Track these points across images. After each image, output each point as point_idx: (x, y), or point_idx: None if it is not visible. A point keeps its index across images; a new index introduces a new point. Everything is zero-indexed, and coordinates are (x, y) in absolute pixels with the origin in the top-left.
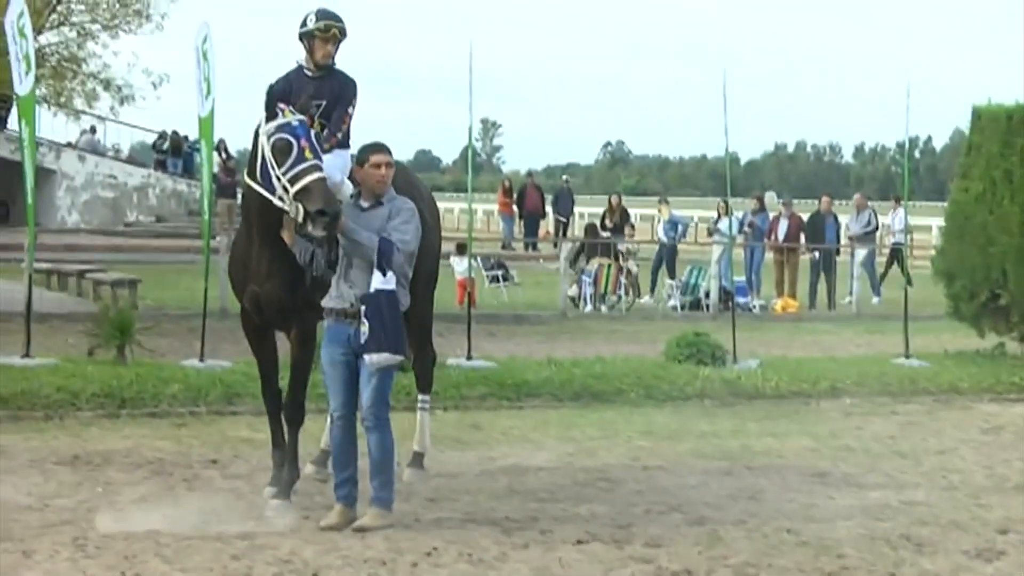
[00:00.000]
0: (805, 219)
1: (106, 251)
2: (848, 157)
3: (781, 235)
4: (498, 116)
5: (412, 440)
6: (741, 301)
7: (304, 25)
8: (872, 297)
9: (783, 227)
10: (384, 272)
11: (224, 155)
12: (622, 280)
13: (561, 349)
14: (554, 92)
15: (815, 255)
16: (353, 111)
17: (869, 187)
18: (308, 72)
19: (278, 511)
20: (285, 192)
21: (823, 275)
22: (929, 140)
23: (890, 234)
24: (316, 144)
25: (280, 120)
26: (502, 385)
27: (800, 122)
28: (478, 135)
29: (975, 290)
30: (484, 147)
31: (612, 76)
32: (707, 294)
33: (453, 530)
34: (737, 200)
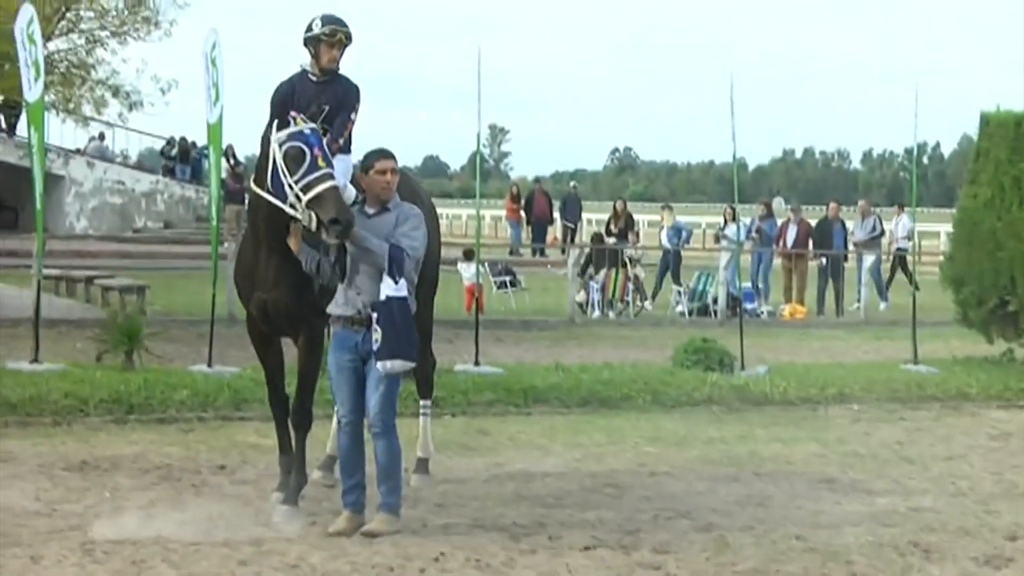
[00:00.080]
0: (813, 225)
1: (114, 257)
2: (856, 163)
3: (790, 241)
4: (506, 122)
5: (415, 446)
6: (749, 307)
7: (310, 30)
8: (879, 303)
9: (792, 233)
10: (396, 279)
11: (232, 161)
12: (629, 286)
13: (569, 355)
14: (562, 98)
15: (823, 261)
16: (356, 117)
17: (877, 193)
18: (312, 77)
19: (286, 517)
20: (298, 200)
21: (831, 281)
22: (938, 146)
23: (893, 240)
24: (328, 152)
25: (292, 128)
26: (510, 391)
27: (808, 128)
28: (486, 141)
29: (983, 296)
30: (492, 153)
31: (620, 82)
32: (715, 300)
33: (461, 536)
34: (745, 206)
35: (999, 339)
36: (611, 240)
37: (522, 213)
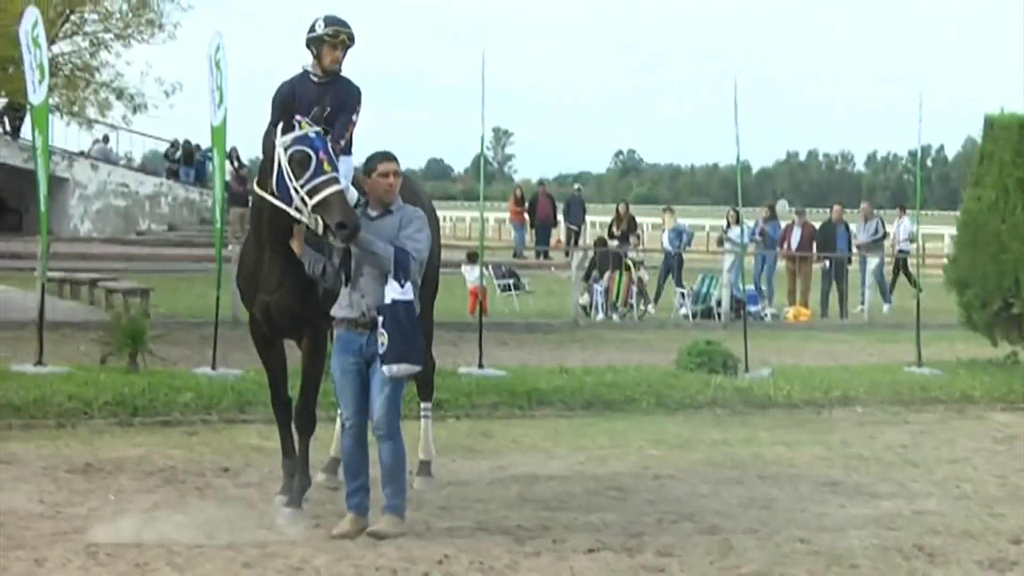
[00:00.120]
0: (817, 227)
1: (118, 260)
2: (860, 166)
3: (794, 243)
4: (510, 125)
5: (417, 449)
6: (752, 309)
7: (312, 31)
8: (883, 306)
9: (796, 235)
10: (401, 282)
11: (236, 164)
12: (633, 289)
13: (572, 358)
14: (566, 100)
15: (826, 264)
16: (357, 119)
17: (881, 196)
18: (314, 78)
19: (290, 519)
20: (303, 204)
21: (835, 284)
22: (941, 149)
23: (895, 243)
24: (334, 156)
25: (297, 132)
26: (513, 394)
27: (812, 130)
28: (490, 143)
29: (987, 299)
30: (496, 156)
31: (623, 84)
32: (719, 303)
33: (465, 538)
34: (748, 209)
35: (1003, 342)
36: (614, 243)
37: (526, 216)
